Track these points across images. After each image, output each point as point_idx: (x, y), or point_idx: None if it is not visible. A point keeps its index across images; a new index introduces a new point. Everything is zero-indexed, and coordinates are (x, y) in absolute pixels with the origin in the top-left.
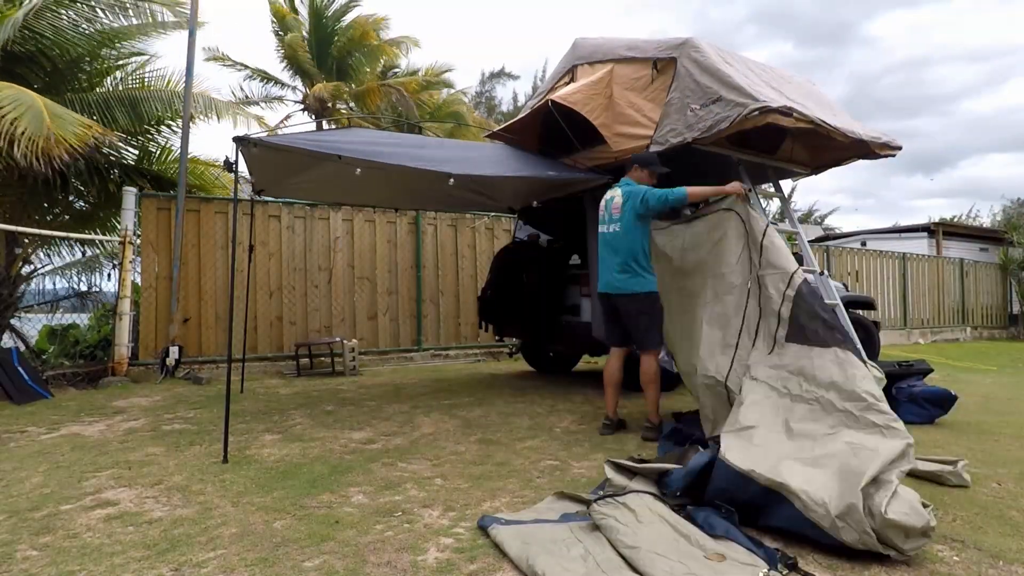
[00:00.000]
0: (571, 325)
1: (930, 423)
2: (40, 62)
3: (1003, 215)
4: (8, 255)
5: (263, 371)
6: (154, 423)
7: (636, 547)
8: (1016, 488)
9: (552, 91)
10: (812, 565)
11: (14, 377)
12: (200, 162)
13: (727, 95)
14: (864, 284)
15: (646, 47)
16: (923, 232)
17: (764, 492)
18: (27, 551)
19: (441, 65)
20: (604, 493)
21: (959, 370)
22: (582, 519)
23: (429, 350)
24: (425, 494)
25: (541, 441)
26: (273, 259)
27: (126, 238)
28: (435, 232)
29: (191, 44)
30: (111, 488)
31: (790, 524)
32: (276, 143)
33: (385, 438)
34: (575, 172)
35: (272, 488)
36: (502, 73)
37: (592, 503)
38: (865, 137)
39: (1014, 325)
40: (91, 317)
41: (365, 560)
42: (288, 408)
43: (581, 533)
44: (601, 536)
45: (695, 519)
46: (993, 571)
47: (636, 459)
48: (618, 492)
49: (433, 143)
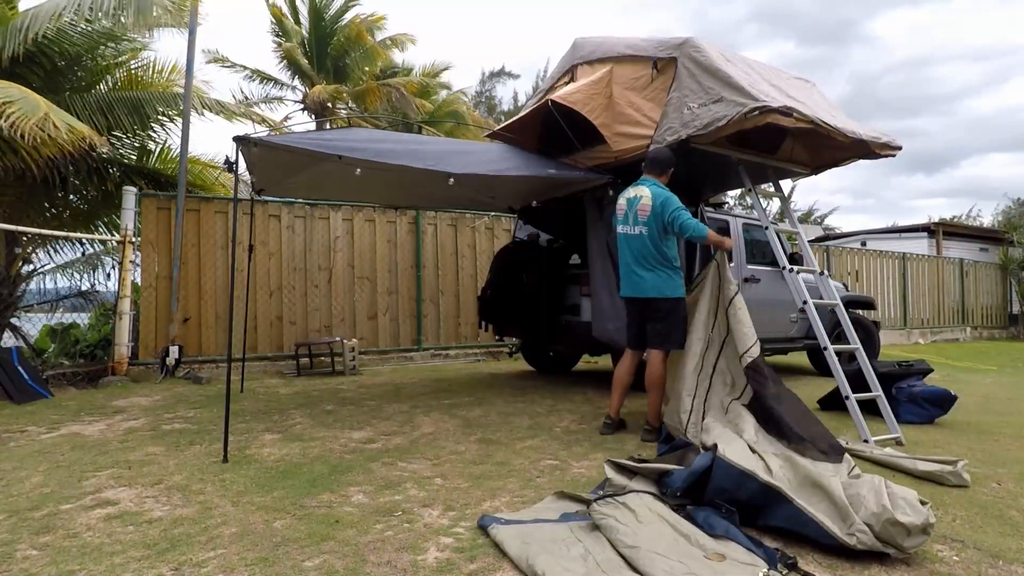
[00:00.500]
0: (571, 325)
1: (930, 423)
2: (40, 61)
3: (1003, 215)
4: (8, 254)
5: (263, 371)
6: (154, 423)
7: (636, 547)
8: (1016, 488)
9: (552, 91)
10: (812, 565)
11: (14, 376)
12: (200, 162)
13: (727, 95)
14: (864, 284)
15: (646, 47)
16: (923, 232)
17: (763, 491)
18: (27, 551)
19: (439, 64)
20: (604, 493)
21: (959, 370)
22: (582, 519)
23: (429, 350)
24: (425, 494)
25: (541, 441)
26: (273, 259)
27: (126, 238)
28: (435, 232)
29: (191, 43)
30: (111, 488)
31: (789, 524)
32: (276, 143)
33: (385, 438)
34: (575, 171)
35: (272, 488)
36: (502, 72)
37: (592, 503)
38: (865, 137)
39: (1014, 325)
40: (91, 316)
41: (365, 560)
42: (288, 408)
43: (581, 533)
44: (601, 536)
45: (695, 519)
46: (993, 571)
47: (636, 459)
48: (618, 492)
49: (433, 142)
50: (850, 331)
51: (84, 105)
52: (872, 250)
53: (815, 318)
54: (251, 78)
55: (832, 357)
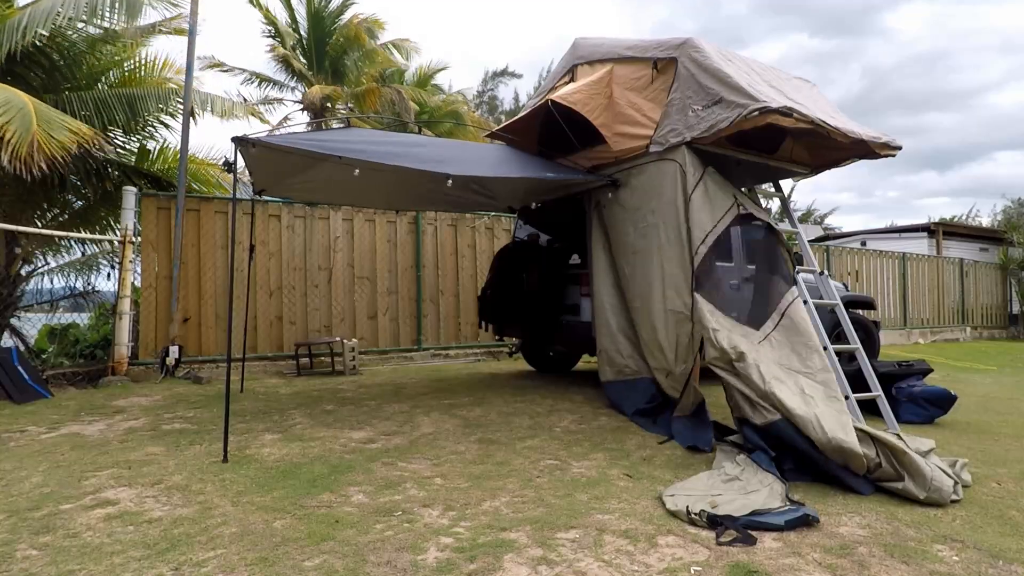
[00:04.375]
0: (571, 325)
1: (930, 423)
2: (38, 60)
3: (1003, 215)
4: (8, 254)
5: (263, 371)
6: (154, 423)
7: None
8: (1016, 488)
9: (552, 91)
10: (812, 565)
11: (14, 376)
12: (199, 162)
13: (728, 95)
14: (864, 284)
15: (646, 47)
16: (923, 232)
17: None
18: (27, 550)
19: (437, 64)
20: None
21: (959, 370)
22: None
23: (429, 350)
24: (425, 494)
25: (541, 441)
26: (273, 259)
27: (126, 238)
28: (435, 232)
29: (191, 43)
30: (111, 487)
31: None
32: (275, 143)
33: (385, 438)
34: (574, 173)
35: (272, 488)
36: (505, 72)
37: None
38: (865, 137)
39: (1014, 325)
40: (91, 317)
41: (365, 560)
42: (288, 408)
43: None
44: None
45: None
46: (993, 571)
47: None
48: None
49: (432, 143)
50: (850, 331)
51: (82, 104)
52: (872, 250)
53: (815, 318)
54: (249, 80)
55: (832, 357)
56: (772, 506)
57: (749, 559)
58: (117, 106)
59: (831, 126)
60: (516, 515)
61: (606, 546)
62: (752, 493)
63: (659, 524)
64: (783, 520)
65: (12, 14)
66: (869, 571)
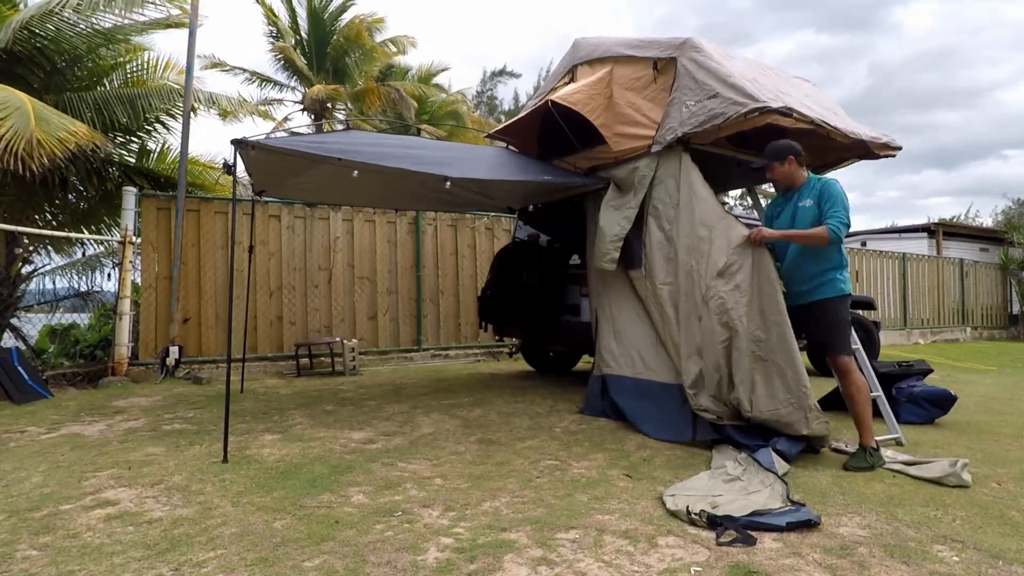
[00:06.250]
0: (571, 325)
1: (930, 423)
2: (39, 61)
3: (1003, 215)
4: (8, 255)
5: (263, 371)
6: (154, 423)
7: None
8: (1016, 488)
9: (552, 91)
10: (812, 565)
11: (14, 377)
12: (199, 163)
13: (724, 92)
14: (864, 284)
15: (646, 47)
16: (923, 232)
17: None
18: (27, 551)
19: (437, 65)
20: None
21: (959, 370)
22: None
23: (429, 350)
24: (425, 494)
25: (541, 441)
26: (273, 259)
27: (126, 238)
28: (435, 232)
29: (191, 43)
30: (111, 488)
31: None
32: (274, 146)
33: (385, 438)
34: (571, 177)
35: (272, 488)
36: (504, 72)
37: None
38: (865, 137)
39: (1014, 325)
40: (91, 317)
41: (365, 560)
42: (288, 408)
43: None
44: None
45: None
46: (993, 571)
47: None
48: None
49: (431, 145)
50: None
51: (83, 105)
52: (872, 250)
53: None
54: (250, 80)
55: None
56: (773, 507)
57: (749, 559)
58: (119, 106)
59: (831, 126)
60: (516, 515)
61: (606, 546)
62: (753, 494)
63: (659, 524)
64: (784, 521)
65: (12, 14)
66: (869, 571)
